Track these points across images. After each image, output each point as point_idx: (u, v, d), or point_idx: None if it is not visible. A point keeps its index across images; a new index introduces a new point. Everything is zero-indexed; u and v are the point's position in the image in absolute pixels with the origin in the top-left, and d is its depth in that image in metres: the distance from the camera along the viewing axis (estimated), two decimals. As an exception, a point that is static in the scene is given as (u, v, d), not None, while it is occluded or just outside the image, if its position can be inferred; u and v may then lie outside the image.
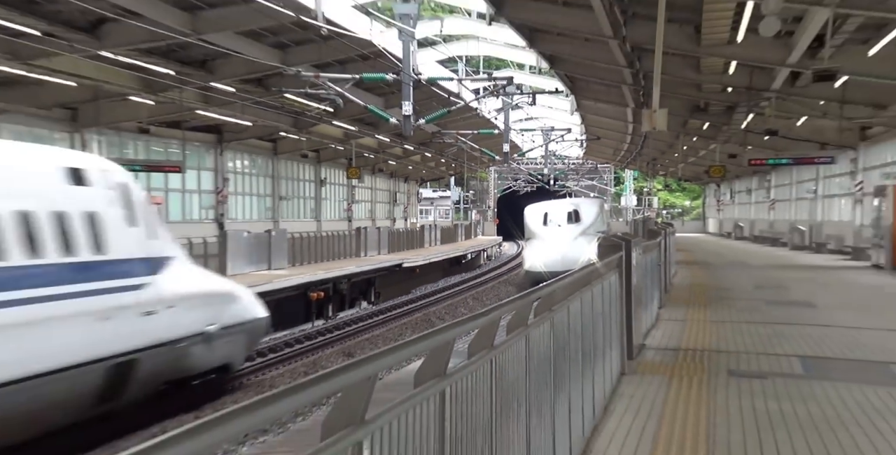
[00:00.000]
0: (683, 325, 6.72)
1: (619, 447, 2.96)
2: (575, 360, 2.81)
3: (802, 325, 6.72)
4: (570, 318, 2.74)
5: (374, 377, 1.08)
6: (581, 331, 2.92)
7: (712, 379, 4.38)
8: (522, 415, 2.12)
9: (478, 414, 1.68)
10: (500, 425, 1.88)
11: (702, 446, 2.97)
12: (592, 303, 3.22)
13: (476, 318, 1.70)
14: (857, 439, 3.05)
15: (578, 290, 2.93)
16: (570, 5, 10.18)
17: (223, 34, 11.14)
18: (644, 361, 4.87)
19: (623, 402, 3.71)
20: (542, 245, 15.71)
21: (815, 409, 3.61)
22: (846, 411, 3.55)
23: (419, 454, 1.25)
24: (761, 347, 5.53)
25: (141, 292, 5.60)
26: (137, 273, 5.68)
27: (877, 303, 8.75)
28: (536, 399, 2.27)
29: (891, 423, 3.30)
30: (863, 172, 16.30)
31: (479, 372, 1.71)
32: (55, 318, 4.79)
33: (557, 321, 2.48)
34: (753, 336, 6.11)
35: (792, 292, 9.59)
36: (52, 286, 4.84)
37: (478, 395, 1.68)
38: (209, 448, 0.59)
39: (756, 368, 4.77)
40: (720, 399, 3.83)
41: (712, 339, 6.00)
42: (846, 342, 5.84)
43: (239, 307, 7.09)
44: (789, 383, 4.27)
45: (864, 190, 15.97)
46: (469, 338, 1.76)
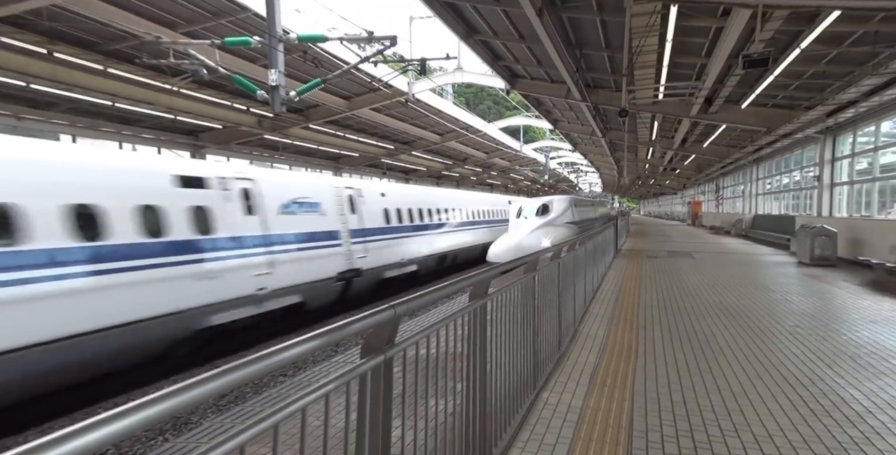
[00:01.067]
0: (633, 241, 15.84)
1: (612, 281, 11.35)
2: (591, 263, 8.16)
3: (669, 243, 16.14)
4: (594, 245, 10.94)
5: (398, 315, 1.57)
6: (604, 242, 11.20)
7: (643, 258, 13.14)
8: (554, 305, 4.17)
9: (515, 313, 2.99)
10: (538, 318, 3.48)
11: (638, 276, 11.33)
12: (604, 237, 11.53)
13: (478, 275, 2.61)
14: (677, 271, 11.60)
15: (592, 237, 11.31)
16: (573, 108, 18.68)
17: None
18: (620, 255, 13.65)
19: (614, 266, 12.26)
20: (505, 235, 16.46)
21: (668, 266, 12.28)
22: (677, 265, 12.26)
23: (445, 360, 1.93)
24: (656, 249, 14.56)
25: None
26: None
27: (690, 235, 20.44)
28: (566, 289, 4.77)
29: (684, 265, 12.01)
30: (750, 183, 25.91)
31: (514, 291, 2.96)
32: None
33: (588, 247, 10.66)
34: (656, 245, 15.23)
35: (670, 235, 20.13)
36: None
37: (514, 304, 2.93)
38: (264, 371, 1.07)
39: (654, 255, 13.64)
40: (644, 263, 12.53)
41: (641, 246, 15.01)
42: (679, 247, 15.23)
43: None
44: (662, 259, 13.10)
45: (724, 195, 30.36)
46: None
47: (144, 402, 0.86)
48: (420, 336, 1.90)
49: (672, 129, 20.76)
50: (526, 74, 16.57)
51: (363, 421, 1.58)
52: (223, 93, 16.59)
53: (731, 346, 5.12)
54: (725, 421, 3.35)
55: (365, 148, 27.84)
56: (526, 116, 33.36)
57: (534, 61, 14.68)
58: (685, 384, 4.04)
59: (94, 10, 10.09)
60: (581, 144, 32.41)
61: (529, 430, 3.16)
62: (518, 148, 37.68)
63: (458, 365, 2.27)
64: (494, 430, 2.76)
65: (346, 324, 1.45)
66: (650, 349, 5.00)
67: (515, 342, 3.10)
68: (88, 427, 0.77)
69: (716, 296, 8.01)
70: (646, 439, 3.07)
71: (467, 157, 37.07)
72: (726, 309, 6.97)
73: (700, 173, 32.73)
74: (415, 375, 1.88)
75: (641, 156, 29.14)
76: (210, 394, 0.96)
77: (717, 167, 27.88)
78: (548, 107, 21.56)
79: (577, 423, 3.29)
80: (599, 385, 3.99)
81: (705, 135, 20.69)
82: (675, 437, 3.12)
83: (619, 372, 4.32)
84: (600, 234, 9.11)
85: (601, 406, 3.57)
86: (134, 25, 10.69)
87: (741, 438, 3.09)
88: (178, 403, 0.89)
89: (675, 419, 3.37)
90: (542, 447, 2.96)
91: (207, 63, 9.82)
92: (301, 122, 20.50)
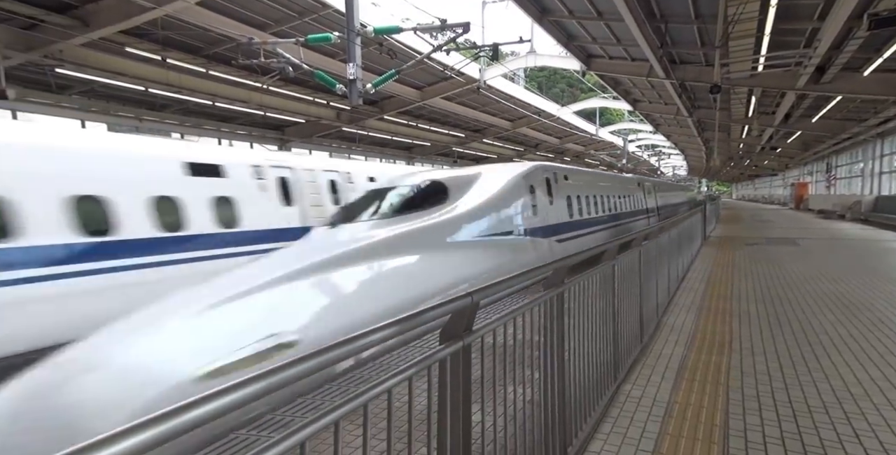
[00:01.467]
0: (724, 227, 14.64)
1: (700, 268, 10.58)
2: (675, 251, 6.84)
3: (767, 228, 14.80)
4: (678, 232, 10.24)
5: (475, 302, 1.60)
6: (690, 228, 10.46)
7: (736, 246, 12.14)
8: (636, 293, 3.94)
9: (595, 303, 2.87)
10: (618, 308, 3.33)
11: (730, 265, 10.46)
12: (690, 223, 10.74)
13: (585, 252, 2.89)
14: (778, 260, 10.56)
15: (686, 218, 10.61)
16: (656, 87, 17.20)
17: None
18: (708, 242, 12.70)
19: (702, 255, 11.43)
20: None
21: (767, 253, 11.23)
22: (777, 253, 11.17)
23: (521, 348, 1.94)
24: (751, 236, 13.35)
25: None
26: None
27: (793, 220, 18.14)
28: (654, 273, 4.74)
29: (786, 253, 10.92)
30: (872, 160, 22.95)
31: (594, 278, 2.87)
32: None
33: (679, 230, 10.03)
34: (751, 232, 13.97)
35: (769, 220, 18.28)
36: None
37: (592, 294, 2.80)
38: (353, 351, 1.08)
39: (749, 242, 12.54)
40: (737, 251, 11.57)
41: (734, 233, 13.86)
42: (780, 233, 13.86)
43: None
44: (760, 246, 11.99)
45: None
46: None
47: (240, 382, 0.91)
48: (497, 324, 1.89)
49: (773, 103, 18.78)
50: (603, 54, 15.76)
51: (444, 404, 1.60)
52: (306, 88, 17.46)
53: (848, 343, 4.58)
54: (843, 425, 3.01)
55: (436, 137, 28.07)
56: (602, 98, 31.82)
57: (612, 39, 13.91)
58: (790, 382, 3.67)
59: (198, 16, 11.07)
60: (664, 125, 30.45)
61: (611, 423, 3.05)
62: (594, 131, 36.16)
63: (534, 353, 2.23)
64: (574, 420, 2.69)
65: (424, 310, 1.46)
66: (746, 343, 4.61)
67: (594, 332, 2.99)
68: (201, 401, 0.81)
69: (828, 286, 7.19)
70: (744, 439, 2.84)
71: (539, 142, 36.19)
72: (841, 301, 6.24)
73: (806, 152, 29.50)
74: (492, 362, 1.88)
75: (735, 135, 26.70)
76: (299, 375, 1.01)
77: (829, 144, 24.96)
78: (626, 87, 20.38)
79: (664, 417, 3.11)
80: (688, 379, 3.74)
81: (815, 108, 18.50)
82: (780, 439, 2.85)
83: (710, 366, 4.03)
84: (685, 220, 8.48)
85: (691, 401, 3.35)
86: (231, 29, 11.56)
87: (863, 445, 2.76)
88: (271, 383, 0.94)
89: (779, 419, 3.08)
90: (626, 440, 2.84)
91: (292, 60, 10.24)
92: (376, 114, 21.08)
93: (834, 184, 29.45)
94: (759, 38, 10.67)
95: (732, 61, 12.16)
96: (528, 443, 2.12)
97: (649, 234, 4.80)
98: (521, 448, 2.05)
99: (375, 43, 11.31)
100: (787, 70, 13.40)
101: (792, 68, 13.12)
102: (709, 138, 27.91)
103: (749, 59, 12.15)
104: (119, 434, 0.70)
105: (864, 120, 18.61)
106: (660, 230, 5.42)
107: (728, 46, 11.00)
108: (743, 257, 10.62)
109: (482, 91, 19.39)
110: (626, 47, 14.29)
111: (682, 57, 14.54)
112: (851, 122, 19.66)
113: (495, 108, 24.73)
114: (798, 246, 12.27)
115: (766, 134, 24.41)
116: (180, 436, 0.79)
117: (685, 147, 41.53)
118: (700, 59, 14.28)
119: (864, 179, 23.65)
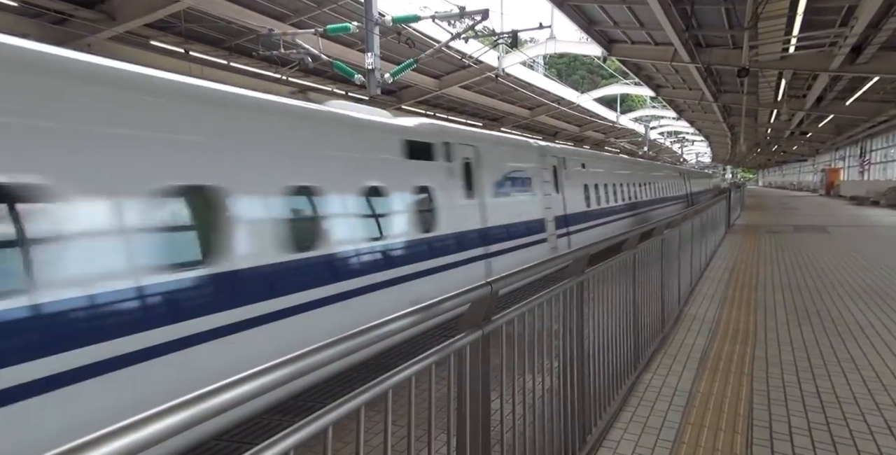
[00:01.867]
0: (749, 215, 14.26)
1: (724, 257, 10.31)
2: (698, 239, 6.82)
3: (795, 216, 14.35)
4: (701, 220, 9.91)
5: (494, 291, 1.61)
6: (713, 216, 10.20)
7: (761, 233, 11.84)
8: (656, 279, 3.91)
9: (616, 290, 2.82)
10: (638, 297, 3.27)
11: (755, 253, 10.23)
12: (714, 211, 10.46)
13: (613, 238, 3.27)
14: (806, 248, 10.25)
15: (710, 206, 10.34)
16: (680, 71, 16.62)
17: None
18: (732, 230, 12.40)
19: (726, 243, 11.18)
20: None
21: (794, 241, 10.93)
22: (805, 241, 10.86)
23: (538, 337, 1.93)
24: (778, 223, 12.98)
25: None
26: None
27: (823, 207, 18.07)
28: (677, 258, 4.86)
29: (815, 241, 10.59)
30: None
31: (614, 267, 2.84)
32: None
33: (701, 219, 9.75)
34: (777, 219, 13.60)
35: (796, 207, 17.99)
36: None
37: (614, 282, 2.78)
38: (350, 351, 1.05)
39: (776, 230, 12.18)
40: (763, 239, 11.28)
41: (760, 221, 13.50)
42: (809, 221, 13.44)
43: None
44: (786, 234, 11.65)
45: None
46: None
47: (266, 368, 0.94)
48: (516, 313, 1.89)
49: (804, 86, 18.07)
50: (625, 38, 15.36)
51: (463, 391, 1.62)
52: (324, 79, 17.50)
53: (881, 333, 4.45)
54: (874, 416, 2.93)
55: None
56: (624, 84, 31.14)
57: (635, 23, 13.54)
58: (818, 373, 3.59)
59: (219, 8, 11.22)
60: (687, 111, 29.70)
61: (631, 412, 3.03)
62: (614, 118, 35.45)
63: (554, 342, 2.23)
64: (594, 408, 2.68)
65: (444, 299, 1.47)
66: (772, 333, 4.51)
67: (614, 321, 2.96)
68: (214, 391, 0.84)
69: (858, 276, 6.97)
70: (769, 429, 2.79)
71: (558, 131, 35.67)
72: (874, 291, 6.04)
73: (839, 136, 28.39)
74: (512, 351, 1.88)
75: (762, 120, 25.85)
76: (324, 361, 1.03)
77: (864, 127, 23.97)
78: (649, 72, 19.88)
79: (686, 407, 3.08)
80: (711, 369, 3.69)
81: (850, 90, 17.75)
82: (807, 429, 2.80)
83: (733, 356, 3.96)
84: (708, 208, 8.27)
85: (714, 391, 3.31)
86: (251, 20, 11.70)
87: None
88: (295, 370, 0.97)
89: (805, 410, 3.02)
90: (646, 429, 2.82)
91: (312, 51, 10.21)
92: (394, 104, 21.03)
93: (868, 169, 28.35)
94: (790, 17, 10.24)
95: (762, 43, 11.72)
96: (547, 430, 2.13)
97: (672, 222, 4.71)
98: (539, 435, 2.06)
99: (394, 32, 11.29)
100: (821, 51, 12.87)
101: (826, 49, 12.59)
102: (734, 124, 27.09)
103: (780, 40, 11.68)
104: (143, 420, 0.72)
105: (903, 101, 17.85)
106: (683, 218, 5.31)
107: (758, 27, 10.60)
108: (769, 245, 10.36)
109: (500, 79, 19.15)
110: (649, 31, 13.90)
111: (709, 40, 14.08)
112: (889, 103, 18.83)
113: (514, 96, 24.42)
114: (828, 233, 11.89)
115: (796, 118, 23.56)
116: (206, 420, 0.81)
117: (709, 133, 40.45)
118: (727, 41, 13.81)
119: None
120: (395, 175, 4.73)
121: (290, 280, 3.50)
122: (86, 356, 2.33)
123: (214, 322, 2.92)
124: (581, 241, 8.66)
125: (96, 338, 2.39)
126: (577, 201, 9.21)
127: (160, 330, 2.64)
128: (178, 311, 2.77)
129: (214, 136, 3.23)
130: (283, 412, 3.29)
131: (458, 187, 5.72)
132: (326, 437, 1.08)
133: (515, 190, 7.11)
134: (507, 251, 6.46)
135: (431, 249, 5.03)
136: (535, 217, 7.48)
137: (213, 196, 3.09)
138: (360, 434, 1.17)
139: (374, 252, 4.33)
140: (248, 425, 3.14)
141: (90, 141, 2.56)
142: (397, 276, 4.48)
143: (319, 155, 4.02)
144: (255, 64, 14.81)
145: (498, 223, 6.37)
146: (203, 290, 2.92)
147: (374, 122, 4.88)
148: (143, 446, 0.70)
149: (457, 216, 5.55)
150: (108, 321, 2.46)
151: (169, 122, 2.97)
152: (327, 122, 4.31)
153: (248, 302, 3.16)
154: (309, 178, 3.79)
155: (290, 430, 0.99)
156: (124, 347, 2.48)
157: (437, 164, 5.41)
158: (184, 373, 2.70)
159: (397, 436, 1.39)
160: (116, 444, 0.67)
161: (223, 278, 3.02)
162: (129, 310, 2.55)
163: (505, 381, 1.84)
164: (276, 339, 3.24)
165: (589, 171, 10.05)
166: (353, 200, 4.20)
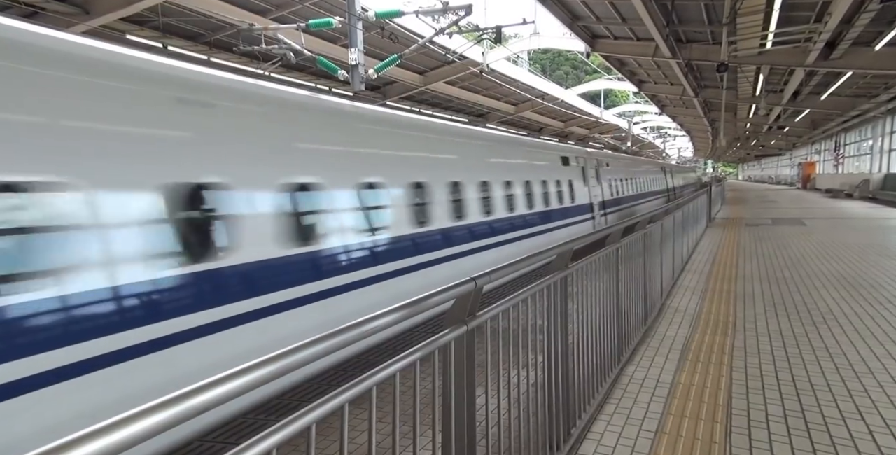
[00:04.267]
0: (730, 209, 14.54)
1: (705, 250, 10.55)
2: (680, 233, 6.97)
3: (773, 209, 14.64)
4: (683, 214, 10.13)
5: (479, 287, 1.64)
6: (694, 210, 10.35)
7: (741, 226, 12.07)
8: (639, 267, 4.08)
9: (600, 282, 2.94)
10: (622, 291, 3.41)
11: (735, 246, 10.44)
12: (695, 205, 10.67)
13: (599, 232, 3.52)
14: (784, 240, 10.53)
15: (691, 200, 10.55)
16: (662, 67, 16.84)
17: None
18: (714, 224, 12.63)
19: (707, 236, 11.39)
20: None
21: (772, 233, 11.18)
22: (783, 233, 11.11)
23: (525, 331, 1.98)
24: (757, 216, 13.24)
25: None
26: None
27: (800, 200, 18.33)
28: (660, 251, 5.12)
29: (792, 233, 10.85)
30: (881, 137, 22.57)
31: (598, 262, 2.93)
32: None
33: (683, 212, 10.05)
34: (757, 212, 13.87)
35: (774, 200, 18.23)
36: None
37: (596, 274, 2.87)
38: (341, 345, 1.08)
39: (755, 223, 12.44)
40: (743, 232, 11.51)
41: (740, 214, 13.74)
42: (786, 213, 13.78)
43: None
44: (765, 227, 11.91)
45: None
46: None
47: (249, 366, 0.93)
48: (501, 308, 1.90)
49: (781, 81, 18.42)
50: (608, 34, 15.45)
51: (448, 387, 1.63)
52: (307, 75, 17.30)
53: (853, 321, 4.59)
54: (846, 402, 3.03)
55: (440, 122, 27.84)
56: (607, 79, 31.40)
57: (617, 18, 13.61)
58: (794, 362, 3.70)
59: (198, 2, 10.92)
60: (669, 106, 30.01)
61: (615, 404, 3.09)
62: (598, 114, 35.70)
63: (538, 337, 2.25)
64: (578, 402, 2.73)
65: (428, 295, 1.47)
66: (750, 323, 4.63)
67: (598, 315, 3.00)
68: (201, 388, 0.84)
69: (833, 266, 7.17)
70: (747, 418, 2.87)
71: (543, 126, 35.83)
72: (846, 280, 6.22)
73: (815, 130, 29.04)
74: (497, 346, 1.89)
75: (741, 114, 26.31)
76: (308, 359, 1.03)
77: (838, 122, 24.57)
78: (632, 67, 20.03)
79: (668, 398, 3.15)
80: (692, 360, 3.77)
81: (824, 85, 18.13)
82: (783, 417, 2.88)
83: (714, 347, 4.05)
84: (689, 202, 8.46)
85: (694, 382, 3.38)
86: (231, 15, 11.43)
87: (867, 422, 2.78)
88: (281, 366, 0.96)
89: (781, 398, 3.11)
90: (629, 421, 2.88)
91: (294, 46, 10.21)
92: (379, 99, 20.84)
93: (842, 162, 29.04)
94: (767, 13, 10.41)
95: (740, 38, 11.90)
96: (532, 425, 2.16)
97: (654, 217, 4.78)
98: (524, 430, 2.08)
99: (377, 27, 11.26)
100: (797, 46, 13.10)
101: (801, 44, 12.82)
102: (715, 118, 27.49)
103: (757, 36, 11.87)
104: (126, 419, 0.71)
105: (874, 96, 18.24)
106: (665, 213, 5.40)
107: (736, 23, 10.76)
108: (748, 238, 10.58)
109: (485, 75, 19.12)
110: (631, 27, 14.00)
111: (689, 35, 14.24)
112: (861, 98, 19.29)
113: (498, 91, 24.42)
114: (804, 225, 12.18)
115: (774, 113, 24.03)
116: (189, 419, 0.81)
117: (691, 128, 40.99)
118: (707, 37, 13.99)
119: (872, 157, 23.30)
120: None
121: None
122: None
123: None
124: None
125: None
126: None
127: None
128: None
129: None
130: (267, 412, 3.27)
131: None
132: (310, 435, 1.07)
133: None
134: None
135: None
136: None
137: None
138: (344, 432, 1.17)
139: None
140: (233, 425, 3.12)
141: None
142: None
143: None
144: (236, 59, 14.55)
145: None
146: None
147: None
148: (121, 447, 0.69)
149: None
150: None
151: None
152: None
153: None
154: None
155: (273, 428, 0.98)
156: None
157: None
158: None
159: (383, 433, 1.39)
160: (94, 446, 0.66)
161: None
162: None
163: (490, 376, 1.86)
164: None
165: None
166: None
